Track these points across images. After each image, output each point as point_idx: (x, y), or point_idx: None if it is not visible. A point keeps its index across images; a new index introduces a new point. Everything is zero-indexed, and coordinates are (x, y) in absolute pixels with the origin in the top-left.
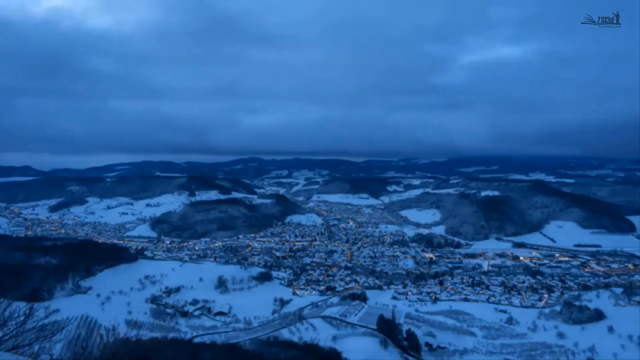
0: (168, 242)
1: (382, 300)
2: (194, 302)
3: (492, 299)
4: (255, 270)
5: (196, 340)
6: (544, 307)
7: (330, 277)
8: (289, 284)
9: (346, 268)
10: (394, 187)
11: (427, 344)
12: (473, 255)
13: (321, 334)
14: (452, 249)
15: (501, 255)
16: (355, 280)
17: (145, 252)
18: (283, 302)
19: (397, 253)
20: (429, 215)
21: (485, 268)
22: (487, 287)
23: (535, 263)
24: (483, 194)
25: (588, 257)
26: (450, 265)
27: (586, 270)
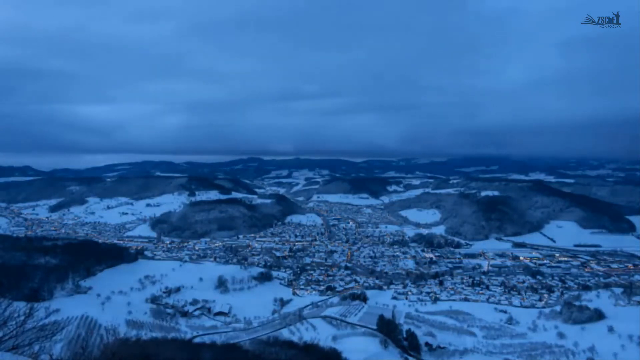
0: (168, 242)
1: (382, 300)
2: (194, 302)
3: (492, 299)
4: (255, 270)
5: (196, 340)
6: (544, 307)
7: (330, 277)
8: (289, 284)
9: (346, 268)
10: (394, 187)
11: (427, 344)
12: (473, 255)
13: (321, 334)
14: (452, 249)
15: (501, 255)
16: (355, 280)
17: (145, 252)
18: (283, 302)
19: (397, 253)
20: (429, 215)
21: (485, 268)
22: (487, 287)
23: (535, 263)
24: (483, 194)
25: (588, 257)
26: (450, 265)
27: (586, 270)
